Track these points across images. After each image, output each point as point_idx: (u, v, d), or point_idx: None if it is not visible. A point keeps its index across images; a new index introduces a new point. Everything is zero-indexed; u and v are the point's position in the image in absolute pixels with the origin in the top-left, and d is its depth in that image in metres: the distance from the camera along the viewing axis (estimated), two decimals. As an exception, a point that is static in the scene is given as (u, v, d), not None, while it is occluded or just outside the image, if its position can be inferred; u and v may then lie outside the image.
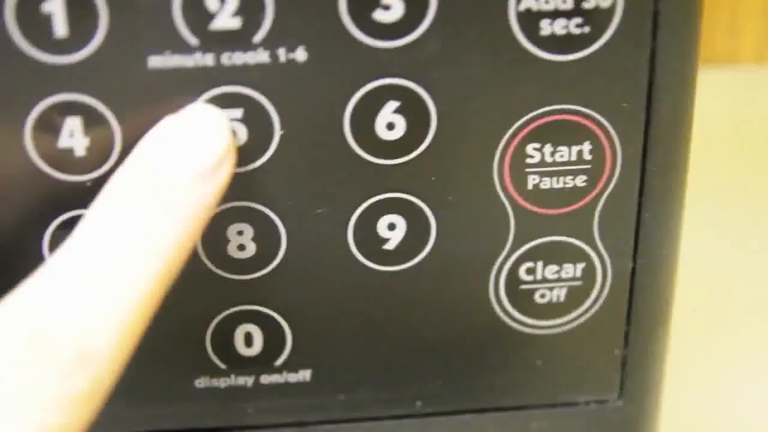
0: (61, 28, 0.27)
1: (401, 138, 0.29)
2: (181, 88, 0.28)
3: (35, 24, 0.27)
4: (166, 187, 0.26)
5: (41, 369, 0.23)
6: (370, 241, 0.30)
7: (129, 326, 0.25)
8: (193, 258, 0.29)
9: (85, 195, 0.28)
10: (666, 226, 0.31)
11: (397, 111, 0.28)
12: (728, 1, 0.64)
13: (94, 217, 0.26)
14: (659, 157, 0.30)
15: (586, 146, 0.29)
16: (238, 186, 0.29)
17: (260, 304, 0.30)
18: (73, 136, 0.28)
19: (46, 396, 0.23)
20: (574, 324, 0.32)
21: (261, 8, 0.27)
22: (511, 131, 0.29)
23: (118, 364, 0.25)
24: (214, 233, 0.29)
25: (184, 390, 0.31)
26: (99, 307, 0.24)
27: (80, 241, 0.25)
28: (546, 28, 0.28)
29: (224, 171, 0.27)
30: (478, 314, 0.31)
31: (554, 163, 0.30)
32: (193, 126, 0.27)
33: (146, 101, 0.28)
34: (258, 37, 0.27)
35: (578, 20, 0.28)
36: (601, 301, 0.31)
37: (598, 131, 0.29)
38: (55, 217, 0.29)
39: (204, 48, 0.27)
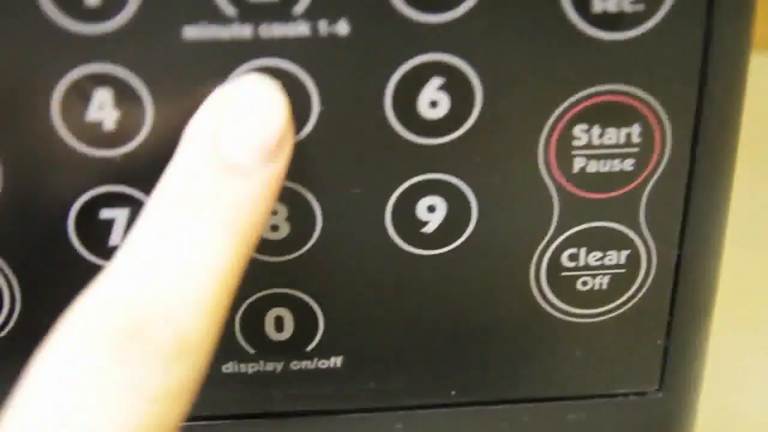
0: (93, -5, 0.26)
1: (444, 117, 0.28)
2: (216, 61, 0.27)
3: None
4: (233, 173, 0.25)
5: (143, 360, 0.23)
6: (409, 224, 0.29)
7: (218, 310, 0.24)
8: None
9: (114, 170, 0.27)
10: (713, 214, 0.30)
11: (441, 88, 0.27)
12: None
13: (160, 204, 0.25)
14: (709, 143, 0.29)
15: (635, 129, 0.28)
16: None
17: (293, 287, 0.30)
18: (103, 109, 0.27)
19: (150, 388, 0.23)
20: (616, 313, 0.31)
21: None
22: (558, 112, 0.28)
23: (211, 351, 0.24)
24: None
25: (211, 375, 0.30)
26: (190, 293, 0.24)
27: (153, 229, 0.25)
28: (598, 4, 0.27)
29: (288, 145, 0.26)
30: (517, 301, 0.30)
31: (601, 146, 0.29)
32: (251, 100, 0.26)
33: (180, 74, 0.27)
34: (298, 9, 0.26)
35: (631, -3, 0.27)
36: (644, 290, 0.30)
37: (648, 114, 0.28)
38: (83, 192, 0.28)
39: (242, 19, 0.26)
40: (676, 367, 0.32)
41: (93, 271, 0.28)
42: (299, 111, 0.27)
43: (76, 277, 0.28)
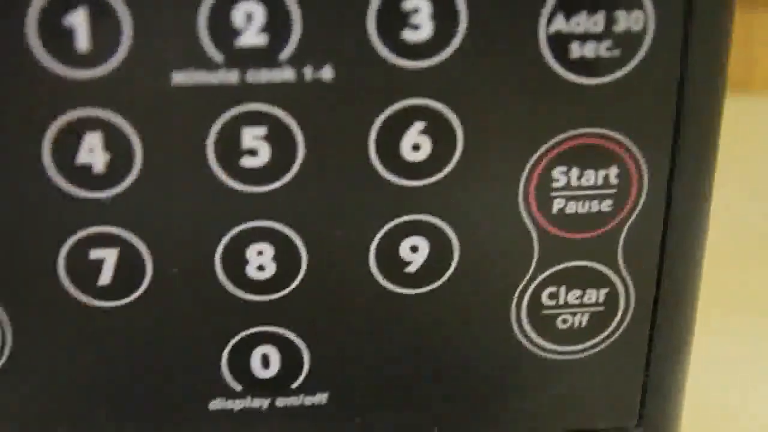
0: (83, 41, 0.26)
1: (426, 159, 0.28)
2: (204, 105, 0.27)
3: (57, 37, 0.26)
4: None
5: None
6: (392, 263, 0.29)
7: None
8: (211, 278, 0.29)
9: (103, 211, 0.28)
10: (690, 253, 0.31)
11: (423, 132, 0.28)
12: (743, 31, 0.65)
13: None
14: (685, 183, 0.30)
15: (613, 170, 0.29)
16: (260, 205, 0.28)
17: (279, 325, 0.30)
18: (93, 152, 0.27)
19: None
20: (596, 350, 0.31)
21: (288, 25, 0.27)
22: (537, 154, 0.29)
23: None
24: (233, 253, 0.29)
25: (198, 412, 0.31)
26: None
27: None
28: (576, 50, 0.28)
29: None
30: (498, 339, 0.31)
31: (580, 187, 0.29)
32: None
33: (169, 118, 0.27)
34: (284, 55, 0.27)
35: (608, 43, 0.28)
36: (623, 328, 0.31)
37: (625, 156, 0.29)
38: (73, 233, 0.28)
39: (229, 65, 0.27)
40: (655, 402, 0.32)
41: (82, 310, 0.28)
42: (284, 154, 0.28)
43: (66, 316, 0.29)
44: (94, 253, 0.29)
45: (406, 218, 0.29)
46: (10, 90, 0.27)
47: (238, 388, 0.31)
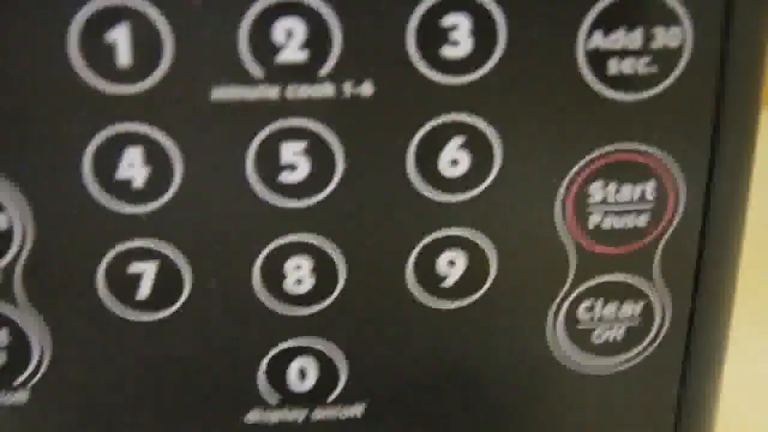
0: (124, 56, 0.26)
1: (464, 174, 0.29)
2: (244, 120, 0.27)
3: (98, 52, 0.26)
4: None
5: None
6: (429, 277, 0.30)
7: None
8: (249, 292, 0.29)
9: (142, 226, 0.28)
10: (725, 267, 0.31)
11: (461, 147, 0.28)
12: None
13: None
14: (721, 197, 0.30)
15: (650, 185, 0.29)
16: (299, 219, 0.28)
17: (317, 338, 0.30)
18: (133, 167, 0.27)
19: None
20: (631, 364, 0.31)
21: (328, 42, 0.27)
22: (575, 169, 0.29)
23: None
24: (272, 267, 0.29)
25: (234, 425, 0.31)
26: None
27: None
28: (614, 67, 0.28)
29: None
30: (534, 353, 0.31)
31: (617, 203, 0.29)
32: None
33: (208, 133, 0.27)
34: (324, 71, 0.27)
35: (646, 60, 0.28)
36: (658, 342, 0.31)
37: (662, 171, 0.29)
38: (112, 247, 0.28)
39: (269, 80, 0.27)
40: (689, 416, 0.32)
41: (121, 323, 0.28)
42: (324, 168, 0.28)
43: (105, 329, 0.29)
44: (134, 267, 0.29)
45: (443, 232, 0.29)
46: (52, 105, 0.27)
47: (275, 400, 0.31)
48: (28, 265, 0.28)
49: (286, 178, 0.28)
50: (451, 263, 0.30)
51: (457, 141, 0.28)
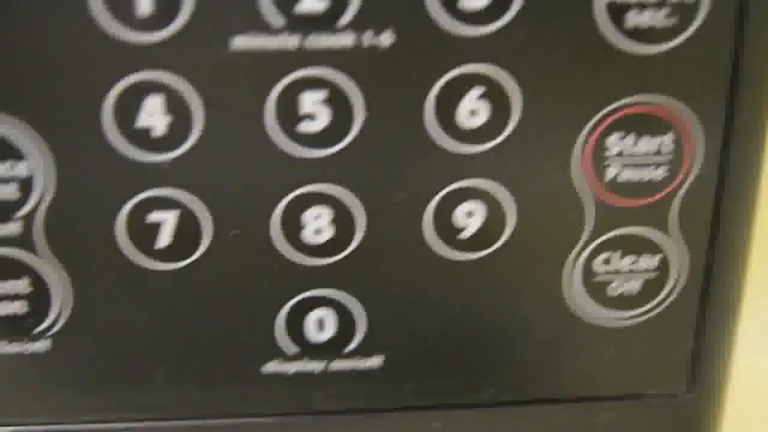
0: (145, 5, 0.27)
1: (483, 125, 0.29)
2: (264, 70, 0.27)
3: (119, 1, 0.26)
4: None
5: None
6: (448, 228, 0.30)
7: None
8: (269, 241, 0.29)
9: (162, 174, 0.28)
10: (742, 220, 0.31)
11: (480, 98, 0.28)
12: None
13: None
14: (739, 150, 0.30)
15: (668, 138, 0.29)
16: (318, 169, 0.28)
17: (335, 288, 0.30)
18: (153, 116, 0.28)
19: None
20: (647, 316, 0.31)
21: (348, -9, 0.27)
22: (593, 122, 0.29)
23: None
24: (291, 217, 0.29)
25: (252, 375, 0.31)
26: None
27: None
28: (631, 19, 0.28)
29: None
30: (551, 305, 0.31)
31: (635, 155, 0.29)
32: None
33: (228, 82, 0.27)
34: (344, 20, 0.27)
35: (664, 12, 0.28)
36: (675, 294, 0.31)
37: (680, 124, 0.29)
38: (132, 196, 0.28)
39: (289, 30, 0.27)
40: (705, 369, 0.32)
41: (141, 272, 0.29)
42: (343, 118, 0.28)
43: (125, 278, 0.29)
44: (154, 216, 0.29)
45: (461, 184, 0.29)
46: (73, 53, 0.27)
47: (293, 351, 0.31)
48: (48, 214, 0.28)
49: (306, 127, 0.28)
50: (469, 215, 0.30)
51: (475, 92, 0.28)
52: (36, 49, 0.27)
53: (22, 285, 0.29)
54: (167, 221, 0.29)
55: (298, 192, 0.29)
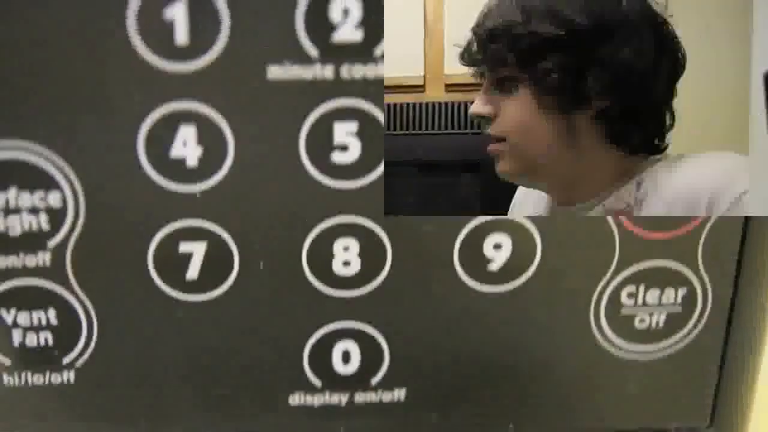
0: (182, 34, 0.27)
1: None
2: (298, 100, 0.27)
3: (156, 30, 0.27)
4: None
5: None
6: (475, 261, 0.30)
7: None
8: (297, 273, 0.29)
9: (193, 205, 0.28)
10: (767, 255, 0.31)
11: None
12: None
13: None
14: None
15: (695, 171, 0.29)
16: (348, 200, 0.28)
17: (361, 321, 0.30)
18: (187, 146, 0.28)
19: None
20: (671, 350, 0.32)
21: (383, 21, 0.27)
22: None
23: None
24: (320, 248, 0.29)
25: (278, 406, 0.31)
26: None
27: None
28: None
29: None
30: (576, 337, 0.31)
31: (663, 187, 0.30)
32: None
33: (263, 112, 0.27)
34: (379, 50, 0.27)
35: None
36: (699, 328, 0.31)
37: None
38: (163, 226, 0.28)
39: (324, 59, 0.27)
40: (728, 403, 0.33)
41: (169, 303, 0.28)
42: (374, 150, 0.28)
43: (153, 308, 0.29)
44: (183, 246, 0.29)
45: (491, 216, 0.29)
46: (109, 81, 0.27)
47: (319, 383, 0.31)
48: (79, 244, 0.28)
49: (338, 158, 0.28)
50: (497, 246, 0.30)
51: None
52: (72, 78, 0.27)
53: (50, 315, 0.29)
54: (197, 252, 0.29)
55: (328, 223, 0.29)
